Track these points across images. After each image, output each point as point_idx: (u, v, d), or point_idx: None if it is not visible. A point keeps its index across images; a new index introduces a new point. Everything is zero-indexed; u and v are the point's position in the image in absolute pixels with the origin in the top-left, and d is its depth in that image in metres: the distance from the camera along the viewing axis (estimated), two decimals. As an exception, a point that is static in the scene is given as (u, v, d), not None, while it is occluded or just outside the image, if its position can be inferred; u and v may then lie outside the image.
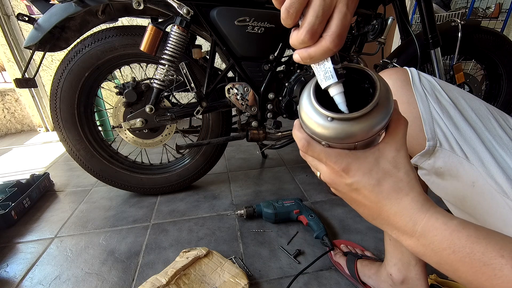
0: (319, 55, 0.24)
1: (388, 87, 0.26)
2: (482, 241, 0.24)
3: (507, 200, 0.36)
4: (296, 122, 0.30)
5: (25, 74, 0.98)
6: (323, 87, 0.26)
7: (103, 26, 1.04)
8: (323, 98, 0.26)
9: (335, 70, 0.25)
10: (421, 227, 0.26)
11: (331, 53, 0.24)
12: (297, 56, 0.25)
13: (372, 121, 0.25)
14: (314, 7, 0.23)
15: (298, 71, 1.04)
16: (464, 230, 0.25)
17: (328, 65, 0.25)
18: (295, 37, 0.24)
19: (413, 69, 0.46)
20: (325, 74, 0.25)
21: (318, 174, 0.31)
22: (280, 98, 1.06)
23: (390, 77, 0.47)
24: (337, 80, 0.25)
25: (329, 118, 0.25)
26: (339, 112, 0.25)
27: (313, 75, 0.27)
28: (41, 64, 1.13)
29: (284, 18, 0.24)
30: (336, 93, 0.25)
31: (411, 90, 0.44)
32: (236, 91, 1.02)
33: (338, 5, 0.23)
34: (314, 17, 0.23)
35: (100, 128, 1.18)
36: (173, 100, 1.32)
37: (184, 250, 0.85)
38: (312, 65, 0.26)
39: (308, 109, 0.27)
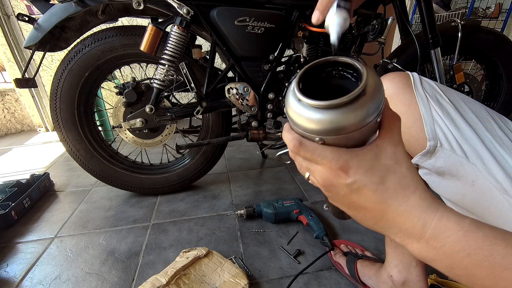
0: None
1: (378, 78, 0.25)
2: (501, 242, 0.22)
3: (507, 197, 0.36)
4: (286, 125, 0.28)
5: (25, 74, 0.98)
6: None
7: (103, 26, 1.04)
8: (309, 92, 0.25)
9: None
10: (431, 228, 0.24)
11: None
12: None
13: (363, 108, 0.24)
14: None
15: (298, 71, 1.04)
16: (479, 230, 0.23)
17: None
18: None
19: (415, 73, 0.47)
20: None
21: (307, 175, 0.28)
22: (280, 98, 1.06)
23: (392, 80, 0.47)
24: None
25: (318, 107, 0.24)
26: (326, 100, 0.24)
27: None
28: (41, 64, 1.13)
29: None
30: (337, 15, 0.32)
31: (413, 92, 0.45)
32: (236, 91, 1.02)
33: None
34: None
35: (100, 128, 1.18)
36: (173, 100, 1.31)
37: (184, 250, 0.85)
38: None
39: (295, 105, 0.26)
